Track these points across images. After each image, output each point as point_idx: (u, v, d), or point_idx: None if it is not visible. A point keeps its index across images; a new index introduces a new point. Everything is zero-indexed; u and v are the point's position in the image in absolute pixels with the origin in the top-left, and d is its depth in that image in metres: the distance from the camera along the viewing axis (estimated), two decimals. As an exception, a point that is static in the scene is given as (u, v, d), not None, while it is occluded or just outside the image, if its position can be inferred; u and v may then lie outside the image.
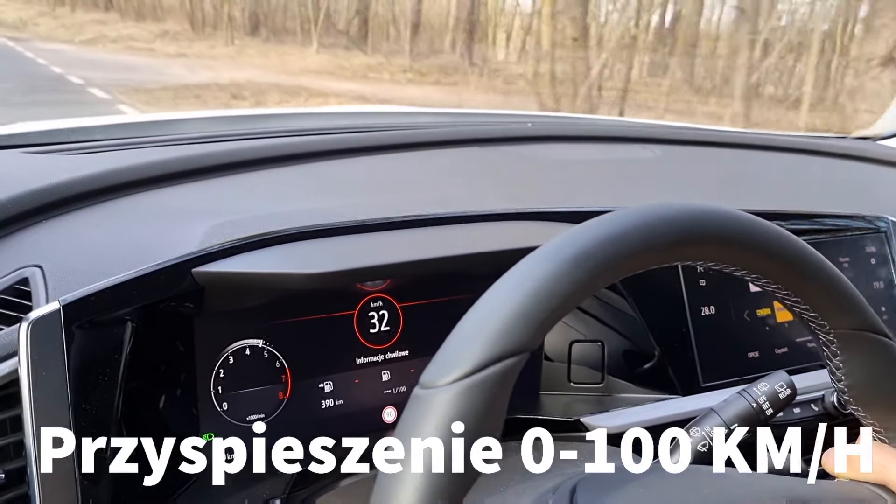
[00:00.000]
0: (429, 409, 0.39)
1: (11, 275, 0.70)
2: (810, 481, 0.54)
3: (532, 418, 0.84)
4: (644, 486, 0.50)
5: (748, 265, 0.48)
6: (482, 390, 0.39)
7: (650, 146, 1.26)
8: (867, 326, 0.50)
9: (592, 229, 0.44)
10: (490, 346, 0.40)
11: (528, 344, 0.41)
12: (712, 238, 0.46)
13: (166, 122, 1.29)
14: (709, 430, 0.70)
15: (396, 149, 1.10)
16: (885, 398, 0.52)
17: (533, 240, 0.65)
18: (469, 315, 0.42)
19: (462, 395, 0.39)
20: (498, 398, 0.40)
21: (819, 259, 0.49)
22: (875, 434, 0.55)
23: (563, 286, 0.42)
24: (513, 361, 0.40)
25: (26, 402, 0.58)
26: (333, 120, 1.49)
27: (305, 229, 0.74)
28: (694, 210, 0.46)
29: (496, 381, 0.40)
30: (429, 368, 0.41)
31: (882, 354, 0.51)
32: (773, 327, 0.93)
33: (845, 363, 0.51)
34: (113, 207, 0.84)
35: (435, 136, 1.15)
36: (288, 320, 0.77)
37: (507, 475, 0.58)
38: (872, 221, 1.03)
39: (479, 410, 0.39)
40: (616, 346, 0.91)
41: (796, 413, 0.84)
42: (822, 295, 0.49)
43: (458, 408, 0.39)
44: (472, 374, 0.39)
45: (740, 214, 0.48)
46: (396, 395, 0.83)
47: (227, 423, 0.75)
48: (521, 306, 0.41)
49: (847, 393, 0.53)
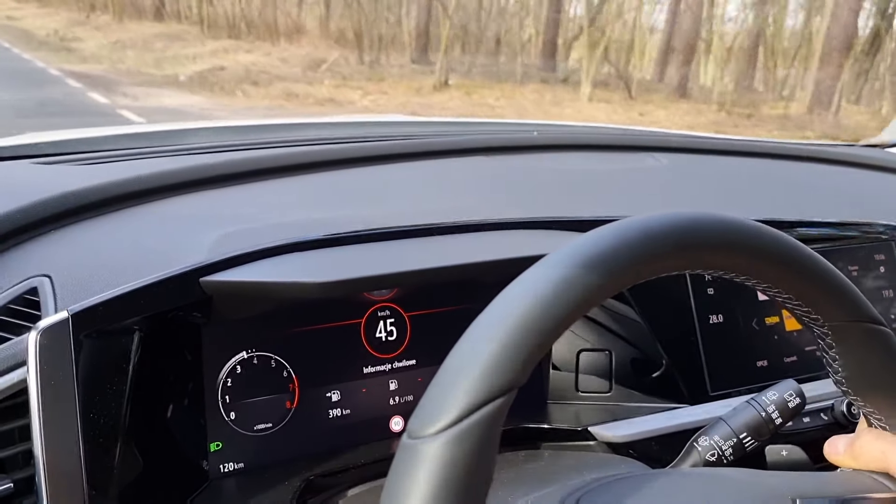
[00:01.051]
0: (418, 464, 0.38)
1: (20, 284, 0.70)
2: (811, 474, 0.54)
3: (540, 428, 0.84)
4: (648, 496, 0.50)
5: (737, 268, 0.48)
6: (471, 438, 0.38)
7: (657, 155, 1.26)
8: (861, 317, 0.50)
9: (569, 255, 0.43)
10: (476, 389, 0.39)
11: (515, 381, 0.40)
12: (699, 247, 0.46)
13: (174, 132, 1.30)
14: (717, 439, 0.69)
15: (402, 158, 1.10)
16: (884, 386, 0.52)
17: (539, 248, 0.65)
18: (453, 355, 0.41)
19: (451, 444, 0.38)
20: (488, 443, 0.39)
21: (808, 254, 0.49)
22: (875, 422, 0.55)
23: (547, 318, 0.41)
24: (501, 402, 0.39)
25: (35, 412, 0.58)
26: (340, 130, 1.49)
27: (312, 239, 0.74)
28: (677, 220, 0.46)
29: (485, 424, 0.39)
30: (416, 413, 0.40)
31: (878, 343, 0.51)
32: (781, 335, 0.93)
33: (841, 354, 0.51)
34: (121, 217, 0.85)
35: (442, 145, 1.16)
36: (295, 329, 0.77)
37: (512, 488, 0.58)
38: (881, 229, 1.03)
39: (469, 461, 0.38)
40: (624, 354, 0.91)
41: (806, 422, 0.83)
42: (814, 289, 0.49)
43: (447, 461, 0.38)
44: (459, 420, 0.38)
45: (723, 218, 0.47)
46: (404, 405, 0.83)
47: (234, 433, 0.75)
48: (505, 344, 0.40)
49: (845, 384, 0.53)
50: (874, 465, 0.54)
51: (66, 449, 0.58)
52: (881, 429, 0.54)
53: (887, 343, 0.51)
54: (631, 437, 0.81)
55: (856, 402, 0.54)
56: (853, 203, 1.17)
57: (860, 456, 0.54)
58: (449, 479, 0.38)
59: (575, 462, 0.75)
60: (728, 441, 0.69)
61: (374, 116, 2.81)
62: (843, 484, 0.53)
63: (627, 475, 0.54)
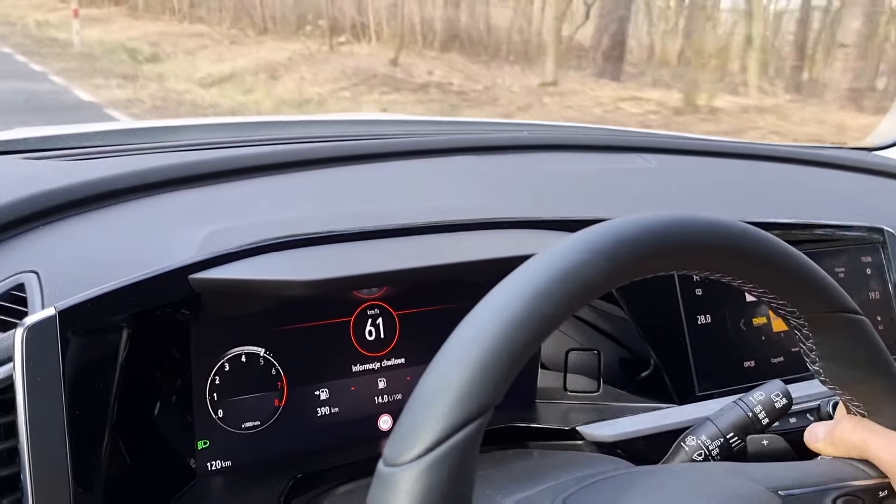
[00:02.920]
0: (395, 493, 0.37)
1: (7, 280, 0.70)
2: (793, 464, 0.54)
3: (528, 427, 0.84)
4: (629, 494, 0.50)
5: (711, 266, 0.48)
6: (447, 463, 0.38)
7: (646, 155, 1.27)
8: (837, 307, 0.51)
9: (540, 268, 0.43)
10: (450, 413, 0.38)
11: (489, 403, 0.39)
12: (672, 249, 0.46)
13: (164, 128, 1.29)
14: (704, 438, 0.70)
15: (392, 157, 1.10)
16: (862, 374, 0.53)
17: (528, 248, 0.66)
18: (425, 379, 0.41)
19: (427, 472, 0.37)
20: (465, 466, 0.39)
21: (782, 247, 0.49)
22: (854, 409, 0.55)
23: (519, 336, 0.40)
24: (476, 424, 0.39)
25: (21, 409, 0.58)
26: (330, 128, 1.49)
27: (302, 237, 0.74)
28: (649, 223, 0.46)
29: (461, 449, 0.38)
30: (391, 440, 0.40)
31: (855, 332, 0.51)
32: (769, 336, 0.93)
33: (819, 344, 0.52)
34: (110, 214, 0.84)
35: (431, 144, 1.15)
36: (284, 327, 0.77)
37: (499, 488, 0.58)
38: (869, 232, 1.03)
39: (446, 487, 0.38)
40: (612, 354, 0.92)
41: (792, 422, 0.84)
42: (789, 282, 0.49)
43: (424, 488, 0.37)
44: (435, 446, 0.38)
45: (694, 217, 0.47)
46: (392, 403, 0.83)
47: (222, 430, 0.75)
48: (478, 365, 0.39)
49: (823, 374, 0.53)
50: (854, 453, 0.54)
51: (52, 446, 0.58)
52: (860, 416, 0.55)
53: (864, 331, 0.52)
54: (619, 436, 0.81)
55: (834, 391, 0.54)
56: (841, 205, 1.18)
57: (840, 443, 0.55)
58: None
59: (563, 461, 0.75)
60: (715, 441, 0.70)
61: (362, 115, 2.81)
62: (824, 473, 0.53)
63: (614, 473, 0.54)
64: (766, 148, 1.42)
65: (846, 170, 1.39)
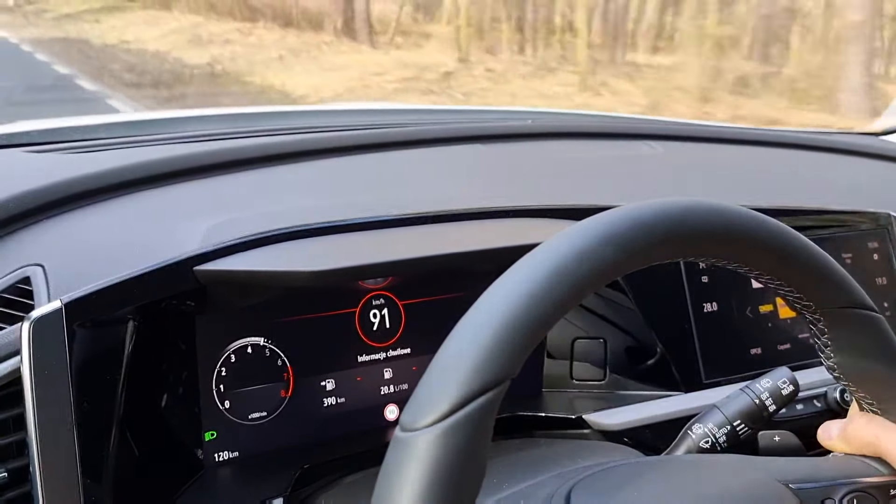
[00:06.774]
0: (410, 457, 0.38)
1: (13, 273, 0.70)
2: (804, 459, 0.54)
3: (534, 416, 0.84)
4: (638, 484, 0.50)
5: (730, 256, 0.48)
6: (463, 430, 0.38)
7: (652, 142, 1.26)
8: (853, 303, 0.50)
9: (561, 245, 0.43)
10: (468, 381, 0.39)
11: (508, 373, 0.40)
12: (691, 235, 0.46)
13: (167, 120, 1.29)
14: (711, 426, 0.70)
15: (397, 146, 1.10)
16: (875, 371, 0.53)
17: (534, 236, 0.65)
18: (445, 347, 0.41)
19: (443, 437, 0.38)
20: (480, 435, 0.39)
21: (801, 241, 0.49)
22: (867, 407, 0.55)
23: (539, 309, 0.41)
24: (493, 394, 0.39)
25: (29, 401, 0.58)
26: (334, 118, 1.49)
27: (307, 227, 0.74)
28: (669, 208, 0.46)
29: (477, 417, 0.39)
30: (408, 406, 0.40)
31: (870, 329, 0.51)
32: (775, 323, 0.93)
33: (833, 340, 0.51)
34: (114, 206, 0.84)
35: (436, 133, 1.15)
36: (290, 318, 0.77)
37: (506, 476, 0.58)
38: (876, 218, 1.03)
39: (461, 454, 0.38)
40: (618, 342, 0.91)
41: (799, 409, 0.84)
42: (806, 276, 0.49)
43: (439, 453, 0.38)
44: (452, 413, 0.38)
45: (715, 205, 0.47)
46: (398, 393, 0.83)
47: (229, 422, 0.75)
48: (498, 335, 0.40)
49: (837, 369, 0.53)
50: (867, 450, 0.54)
51: (60, 438, 0.58)
52: (873, 413, 0.55)
53: (879, 328, 0.52)
54: (625, 424, 0.81)
55: (848, 388, 0.54)
56: (848, 191, 1.17)
57: (853, 440, 0.55)
58: (441, 472, 0.37)
59: (569, 450, 0.75)
60: (722, 428, 0.69)
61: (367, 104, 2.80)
62: (836, 468, 0.53)
63: (620, 463, 0.54)
64: (772, 134, 1.41)
65: (854, 155, 1.38)
